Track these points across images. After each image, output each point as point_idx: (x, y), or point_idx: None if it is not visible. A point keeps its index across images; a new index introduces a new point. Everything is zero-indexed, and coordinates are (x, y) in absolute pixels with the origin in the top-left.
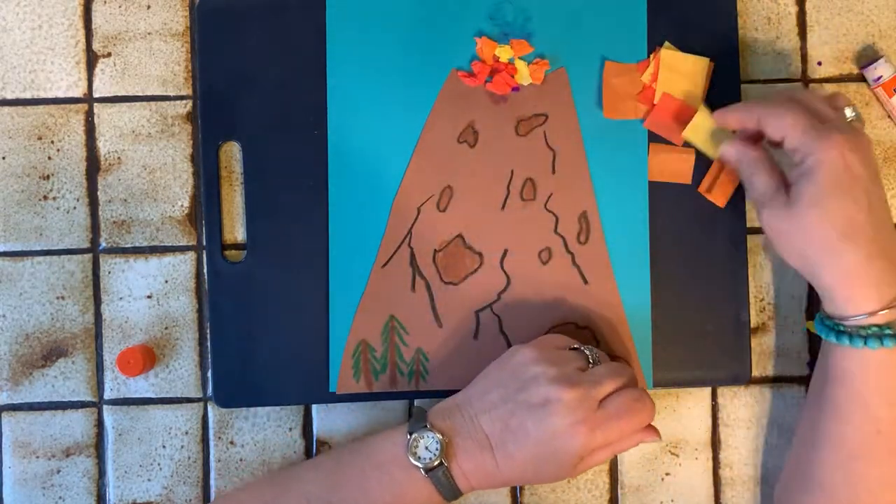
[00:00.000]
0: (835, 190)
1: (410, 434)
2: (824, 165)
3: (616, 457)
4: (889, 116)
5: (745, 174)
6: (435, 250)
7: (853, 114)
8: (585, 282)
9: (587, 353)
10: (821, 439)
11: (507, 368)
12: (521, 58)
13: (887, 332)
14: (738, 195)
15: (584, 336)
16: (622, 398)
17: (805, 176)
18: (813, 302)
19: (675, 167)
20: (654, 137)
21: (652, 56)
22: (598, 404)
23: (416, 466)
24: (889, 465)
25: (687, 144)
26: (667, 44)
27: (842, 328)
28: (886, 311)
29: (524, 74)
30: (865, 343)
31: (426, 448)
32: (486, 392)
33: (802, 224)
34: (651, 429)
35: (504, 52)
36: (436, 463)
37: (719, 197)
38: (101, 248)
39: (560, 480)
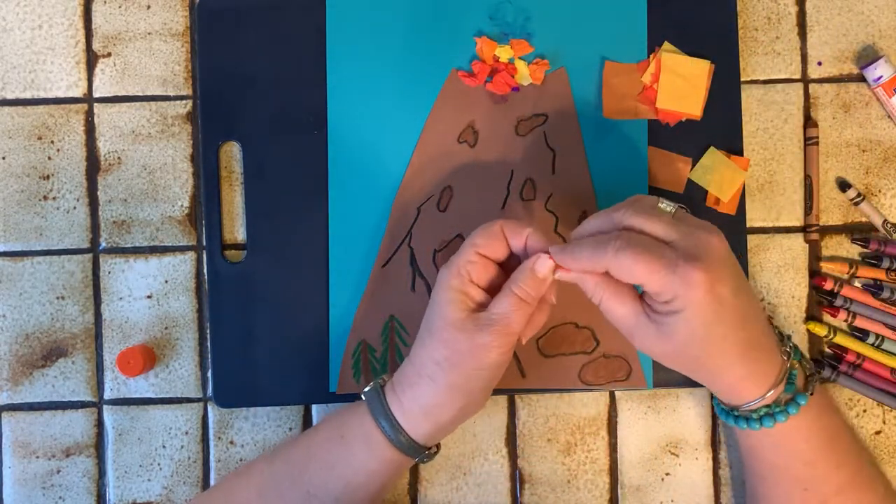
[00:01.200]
0: (710, 325)
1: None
2: (693, 307)
3: (616, 457)
4: (889, 116)
5: (606, 306)
6: (435, 250)
7: (671, 208)
8: None
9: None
10: (760, 503)
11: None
12: (521, 58)
13: (777, 409)
14: (741, 197)
15: (584, 336)
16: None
17: (676, 314)
18: (812, 302)
19: (669, 175)
20: (652, 141)
21: (652, 56)
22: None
23: (361, 399)
24: None
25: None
26: (667, 44)
27: (737, 413)
28: (770, 392)
29: (524, 74)
30: (761, 423)
31: (366, 389)
32: (419, 334)
33: (678, 354)
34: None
35: (504, 52)
36: (367, 388)
37: (728, 205)
38: (101, 248)
39: (485, 351)
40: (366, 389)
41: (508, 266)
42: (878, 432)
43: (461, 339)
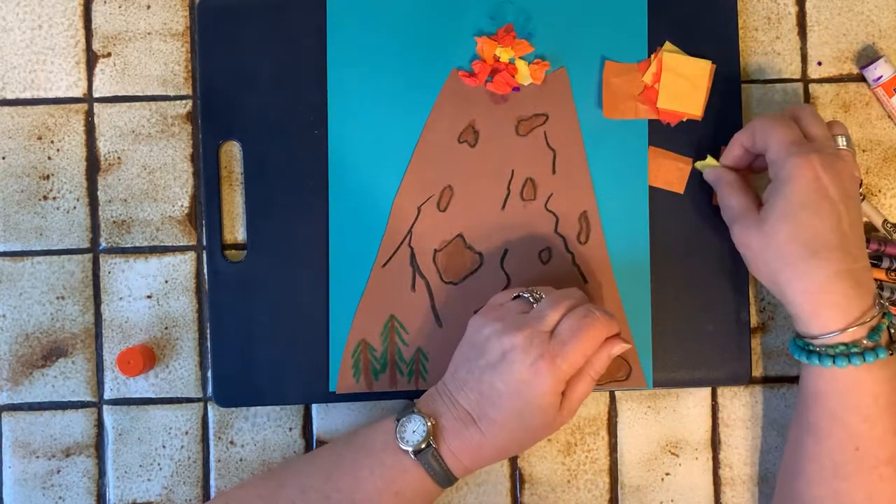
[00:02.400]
0: (804, 206)
1: (398, 420)
2: (795, 181)
3: (616, 457)
4: (889, 116)
5: (721, 193)
6: (435, 250)
7: (844, 143)
8: (585, 282)
9: (527, 295)
10: (804, 460)
11: (465, 343)
12: (521, 58)
13: (854, 350)
14: None
15: None
16: (570, 320)
17: (777, 190)
18: None
19: (670, 175)
20: (652, 141)
21: (653, 56)
22: (550, 336)
23: (405, 450)
24: (871, 481)
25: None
26: (668, 44)
27: (812, 348)
28: (853, 328)
29: (524, 74)
30: (834, 362)
31: (413, 431)
32: (455, 371)
33: (771, 239)
34: (615, 339)
35: (504, 53)
36: (423, 445)
37: None
38: (101, 248)
39: (554, 430)
40: (423, 450)
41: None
42: None
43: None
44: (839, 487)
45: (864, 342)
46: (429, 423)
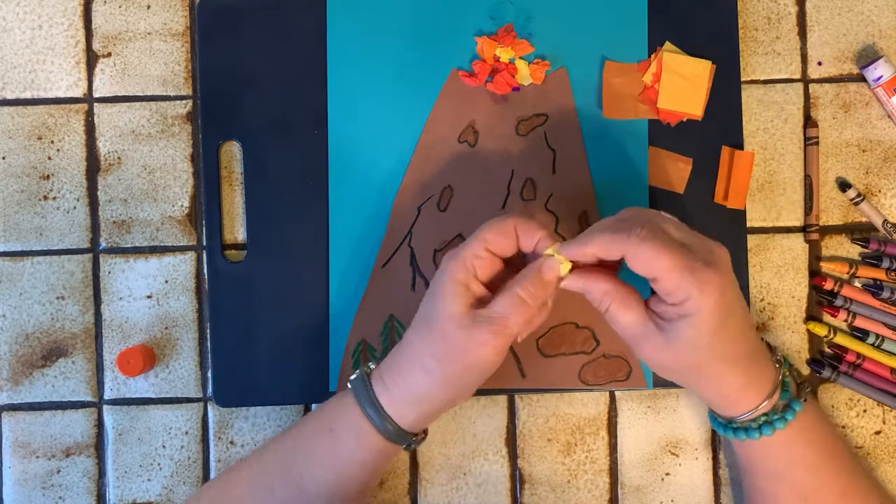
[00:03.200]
0: (716, 331)
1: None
2: (704, 311)
3: (616, 457)
4: (889, 116)
5: (603, 308)
6: (435, 250)
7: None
8: None
9: None
10: None
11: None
12: (521, 58)
13: (775, 416)
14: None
15: (584, 336)
16: None
17: (685, 319)
18: (812, 302)
19: (669, 175)
20: (652, 141)
21: (653, 56)
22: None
23: (347, 389)
24: None
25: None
26: (668, 44)
27: (735, 424)
28: (768, 400)
29: (524, 74)
30: (761, 432)
31: (352, 378)
32: (415, 323)
33: (681, 362)
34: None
35: (505, 52)
36: (353, 376)
37: (737, 201)
38: (101, 248)
39: (482, 348)
40: (352, 377)
41: (512, 264)
42: (877, 432)
43: (459, 334)
44: None
45: (779, 403)
46: (370, 366)
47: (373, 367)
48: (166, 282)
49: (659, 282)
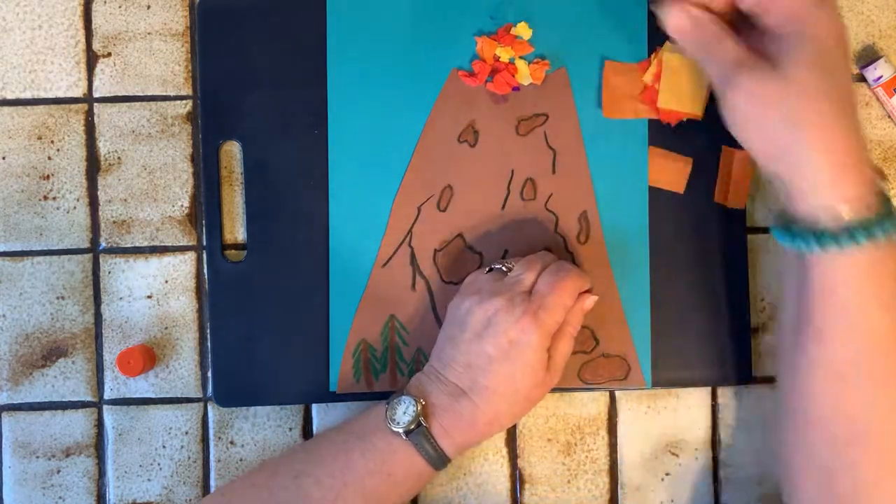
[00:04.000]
0: (835, 61)
1: (389, 403)
2: (824, 35)
3: (616, 457)
4: (889, 116)
5: (707, 45)
6: (435, 250)
7: None
8: None
9: (499, 266)
10: (805, 369)
11: (447, 325)
12: (521, 57)
13: (872, 222)
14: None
15: (583, 335)
16: (546, 277)
17: (800, 41)
18: None
19: (669, 175)
20: (653, 140)
21: (653, 56)
22: (530, 294)
23: (397, 432)
24: (886, 383)
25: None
26: (668, 44)
27: (821, 227)
28: (871, 197)
29: (524, 74)
30: (853, 238)
31: (404, 412)
32: (440, 352)
33: (792, 90)
34: (587, 294)
35: (505, 52)
36: (413, 426)
37: (737, 200)
38: (101, 248)
39: (544, 393)
40: (413, 430)
41: None
42: None
43: (540, 391)
44: (853, 393)
45: (875, 216)
46: (419, 404)
47: (423, 404)
48: (166, 282)
49: (774, 5)
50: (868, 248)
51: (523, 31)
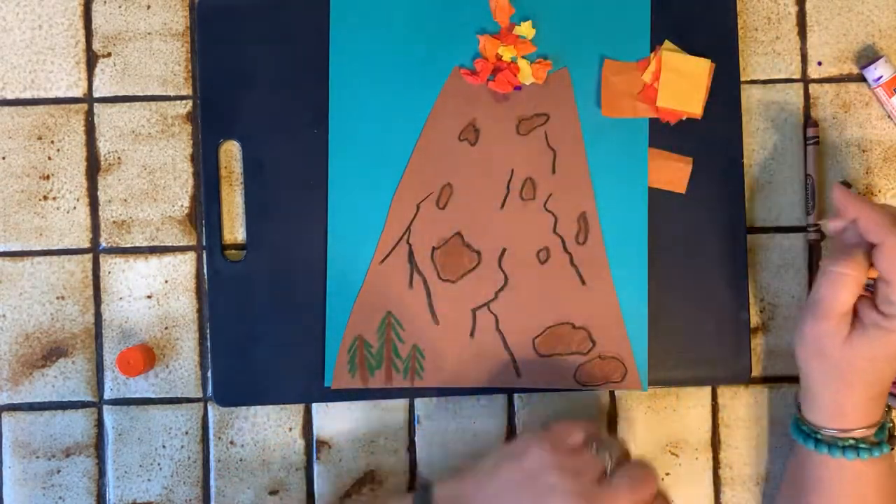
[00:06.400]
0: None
1: None
2: None
3: None
4: (889, 116)
5: (833, 284)
6: (433, 247)
7: None
8: (583, 282)
9: (604, 457)
10: None
11: (520, 469)
12: (523, 57)
13: (863, 445)
14: (740, 196)
15: (581, 336)
16: (630, 470)
17: (885, 334)
18: None
19: (670, 175)
20: (652, 142)
21: (652, 55)
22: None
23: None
24: None
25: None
26: (667, 43)
27: (819, 437)
28: (864, 429)
29: (526, 74)
30: (843, 454)
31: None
32: (497, 495)
33: (847, 361)
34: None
35: (507, 51)
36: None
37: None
38: (101, 248)
39: None
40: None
41: None
42: None
43: None
44: None
45: (871, 439)
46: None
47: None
48: (166, 282)
49: (891, 287)
50: (856, 462)
51: (526, 30)
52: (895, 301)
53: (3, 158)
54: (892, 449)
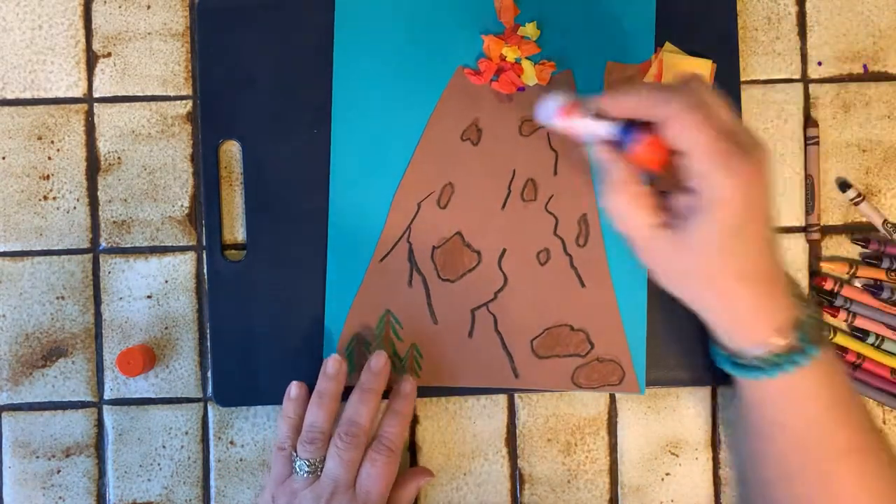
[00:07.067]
0: (738, 233)
1: None
2: (726, 204)
3: (616, 457)
4: (888, 116)
5: (619, 206)
6: (434, 247)
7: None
8: (582, 284)
9: (303, 463)
10: (755, 464)
11: None
12: (527, 58)
13: (784, 358)
14: None
15: (579, 338)
16: (366, 468)
17: (702, 213)
18: (812, 302)
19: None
20: None
21: (654, 57)
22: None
23: None
24: (826, 480)
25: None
26: (668, 45)
27: (740, 360)
28: (782, 335)
29: (530, 75)
30: (765, 373)
31: None
32: None
33: (695, 266)
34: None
35: (511, 52)
36: None
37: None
38: (101, 248)
39: None
40: None
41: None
42: None
43: None
44: (796, 491)
45: (794, 345)
46: None
47: None
48: (166, 282)
49: (689, 157)
50: (784, 377)
51: (531, 31)
52: (699, 168)
53: (3, 158)
54: (821, 351)
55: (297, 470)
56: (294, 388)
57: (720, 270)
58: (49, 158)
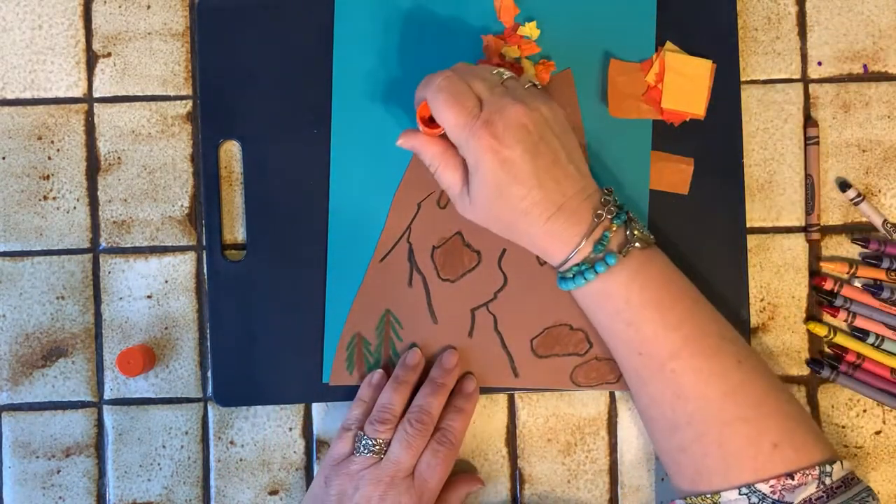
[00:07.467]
0: (498, 187)
1: None
2: (481, 168)
3: (616, 457)
4: (888, 116)
5: (433, 170)
6: (434, 247)
7: (505, 76)
8: None
9: (369, 442)
10: (624, 370)
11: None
12: (527, 57)
13: (585, 267)
14: (740, 196)
15: (578, 338)
16: (427, 458)
17: (473, 175)
18: (812, 302)
19: (672, 177)
20: (654, 143)
21: (655, 56)
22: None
23: None
24: (668, 379)
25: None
26: (669, 44)
27: (560, 274)
28: (576, 251)
29: (530, 74)
30: (574, 283)
31: None
32: None
33: (484, 216)
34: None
35: (511, 51)
36: None
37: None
38: (101, 248)
39: None
40: None
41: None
42: (877, 432)
43: None
44: (647, 392)
45: (593, 256)
46: None
47: None
48: (166, 282)
49: (449, 133)
50: (594, 283)
51: (531, 30)
52: (455, 141)
53: (3, 158)
54: (624, 255)
55: (362, 449)
56: (377, 376)
57: (505, 213)
58: (49, 158)
